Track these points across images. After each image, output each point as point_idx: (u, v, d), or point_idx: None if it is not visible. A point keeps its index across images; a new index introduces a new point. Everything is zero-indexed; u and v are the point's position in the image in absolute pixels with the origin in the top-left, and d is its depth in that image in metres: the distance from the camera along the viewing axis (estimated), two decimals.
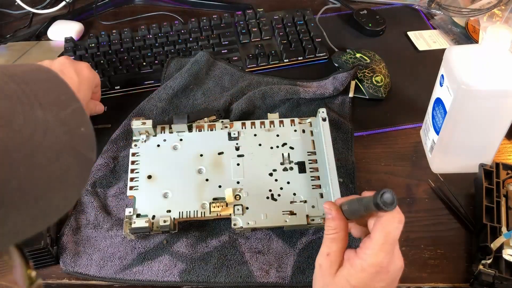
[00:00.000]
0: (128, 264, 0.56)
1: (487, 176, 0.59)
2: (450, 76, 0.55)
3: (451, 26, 0.86)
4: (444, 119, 0.58)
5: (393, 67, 0.77)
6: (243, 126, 0.65)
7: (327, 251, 0.44)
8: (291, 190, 0.59)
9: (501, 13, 0.84)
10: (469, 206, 0.60)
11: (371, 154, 0.67)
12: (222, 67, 0.78)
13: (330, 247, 0.44)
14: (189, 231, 0.58)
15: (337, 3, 0.93)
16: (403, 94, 0.75)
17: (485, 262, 0.52)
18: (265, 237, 0.58)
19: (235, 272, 0.55)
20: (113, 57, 0.81)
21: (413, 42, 0.84)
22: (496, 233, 0.54)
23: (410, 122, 0.71)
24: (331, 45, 0.83)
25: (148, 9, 0.95)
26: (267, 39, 0.84)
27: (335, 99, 0.73)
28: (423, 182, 0.63)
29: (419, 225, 0.59)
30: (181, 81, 0.74)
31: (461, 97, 0.54)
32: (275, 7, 0.92)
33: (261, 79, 0.76)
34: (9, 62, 0.81)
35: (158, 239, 0.58)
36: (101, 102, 0.72)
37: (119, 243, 0.58)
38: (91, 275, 0.55)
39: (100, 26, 0.92)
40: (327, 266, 0.44)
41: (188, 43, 0.83)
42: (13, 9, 0.97)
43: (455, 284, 0.54)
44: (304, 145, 0.63)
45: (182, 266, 0.56)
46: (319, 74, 0.77)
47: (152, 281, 0.55)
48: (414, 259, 0.56)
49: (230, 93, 0.73)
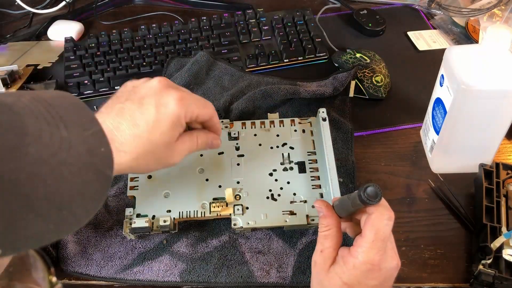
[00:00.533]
0: (128, 264, 0.56)
1: (487, 176, 0.59)
2: (450, 76, 0.55)
3: (451, 26, 0.86)
4: (444, 119, 0.58)
5: (393, 67, 0.77)
6: (243, 126, 0.65)
7: (320, 248, 0.45)
8: (291, 190, 0.59)
9: (501, 13, 0.84)
10: (469, 206, 0.60)
11: (371, 154, 0.67)
12: (222, 67, 0.78)
13: (323, 244, 0.45)
14: (189, 231, 0.58)
15: (337, 3, 0.93)
16: (403, 94, 0.75)
17: (485, 262, 0.52)
18: (265, 237, 0.58)
19: (235, 272, 0.55)
20: (113, 57, 0.81)
21: (413, 42, 0.84)
22: (496, 233, 0.54)
23: (410, 122, 0.71)
24: (331, 45, 0.83)
25: (148, 9, 0.95)
26: (267, 39, 0.84)
27: (335, 99, 0.73)
28: (423, 182, 0.63)
29: (419, 225, 0.59)
30: (181, 81, 0.74)
31: (461, 97, 0.54)
32: (275, 7, 0.92)
33: (261, 79, 0.76)
34: (9, 62, 0.81)
35: (158, 239, 0.58)
36: (101, 101, 0.71)
37: (120, 243, 0.58)
38: (92, 275, 0.55)
39: (100, 26, 0.92)
40: (321, 263, 0.45)
41: (188, 43, 0.83)
42: (13, 9, 0.97)
43: (455, 284, 0.54)
44: (304, 145, 0.63)
45: (182, 266, 0.56)
46: (319, 74, 0.77)
47: (152, 281, 0.55)
48: (414, 259, 0.56)
49: (230, 93, 0.73)
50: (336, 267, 0.44)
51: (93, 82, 0.78)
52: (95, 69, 0.79)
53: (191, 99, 0.48)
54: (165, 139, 0.46)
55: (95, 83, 0.78)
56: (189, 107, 0.47)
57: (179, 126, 0.47)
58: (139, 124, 0.44)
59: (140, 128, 0.44)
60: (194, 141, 0.50)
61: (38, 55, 0.85)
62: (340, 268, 0.43)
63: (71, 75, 0.79)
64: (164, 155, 0.47)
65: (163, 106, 0.45)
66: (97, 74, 0.79)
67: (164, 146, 0.46)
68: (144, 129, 0.44)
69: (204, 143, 0.52)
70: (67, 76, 0.79)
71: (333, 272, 0.44)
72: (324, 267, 0.45)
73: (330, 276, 0.44)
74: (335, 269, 0.44)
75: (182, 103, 0.46)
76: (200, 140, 0.51)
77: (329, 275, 0.44)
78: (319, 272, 0.45)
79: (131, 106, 0.45)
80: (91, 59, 0.81)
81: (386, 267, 0.43)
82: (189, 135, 0.50)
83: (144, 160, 0.45)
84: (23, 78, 0.74)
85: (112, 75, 0.79)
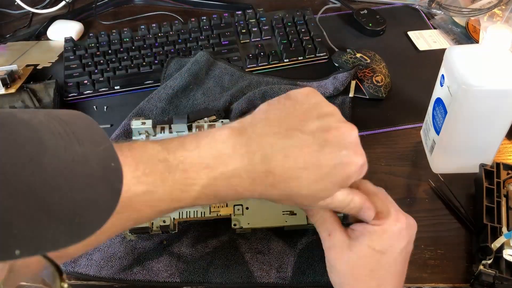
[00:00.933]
0: (128, 264, 0.56)
1: (488, 176, 0.59)
2: (450, 76, 0.55)
3: (451, 26, 0.86)
4: (444, 119, 0.58)
5: (393, 67, 0.77)
6: None
7: (325, 233, 0.44)
8: None
9: (501, 13, 0.84)
10: (469, 206, 0.60)
11: (371, 154, 0.67)
12: (222, 67, 0.78)
13: (326, 228, 0.44)
14: (189, 231, 0.58)
15: (337, 3, 0.93)
16: (403, 94, 0.75)
17: (485, 262, 0.52)
18: (265, 237, 0.58)
19: (235, 272, 0.55)
20: (113, 57, 0.81)
21: (413, 42, 0.84)
22: (496, 233, 0.54)
23: (410, 122, 0.70)
24: (331, 45, 0.83)
25: (148, 9, 0.95)
26: (267, 39, 0.84)
27: (335, 99, 0.73)
28: (423, 182, 0.63)
29: (419, 225, 0.59)
30: (181, 81, 0.74)
31: (462, 97, 0.54)
32: (275, 7, 0.92)
33: (261, 79, 0.76)
34: (9, 62, 0.81)
35: (158, 239, 0.58)
36: (100, 101, 0.71)
37: (119, 243, 0.58)
38: (92, 275, 0.55)
39: (100, 26, 0.92)
40: (339, 243, 0.43)
41: (188, 43, 0.83)
42: (13, 9, 0.97)
43: (455, 284, 0.54)
44: None
45: (182, 266, 0.56)
46: (319, 74, 0.77)
47: (152, 281, 0.55)
48: (414, 259, 0.56)
49: (230, 93, 0.73)
50: (362, 239, 0.42)
51: (92, 82, 0.78)
52: (94, 69, 0.79)
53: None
54: (324, 195, 0.39)
55: (95, 83, 0.78)
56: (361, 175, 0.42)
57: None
58: (308, 168, 0.37)
59: (306, 174, 0.37)
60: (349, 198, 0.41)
61: (38, 55, 0.85)
62: (369, 238, 0.42)
63: (70, 75, 0.79)
64: (307, 204, 0.41)
65: (344, 164, 0.38)
66: (96, 74, 0.79)
67: (317, 200, 0.40)
68: (310, 177, 0.37)
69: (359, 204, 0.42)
70: (66, 76, 0.79)
71: (359, 246, 0.42)
72: (343, 245, 0.43)
73: (358, 250, 0.42)
74: (362, 242, 0.42)
75: (362, 170, 0.41)
76: (358, 202, 0.42)
77: (355, 250, 0.42)
78: (339, 253, 0.43)
79: (310, 142, 0.37)
80: (90, 59, 0.81)
81: (410, 224, 0.44)
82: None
83: (288, 201, 0.39)
84: (23, 78, 0.74)
85: (112, 75, 0.78)
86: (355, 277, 0.43)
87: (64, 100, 0.76)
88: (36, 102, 0.72)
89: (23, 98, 0.72)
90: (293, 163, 0.37)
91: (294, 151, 0.37)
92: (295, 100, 0.40)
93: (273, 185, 0.37)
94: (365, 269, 0.43)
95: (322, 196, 0.39)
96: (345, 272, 0.44)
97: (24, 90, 0.72)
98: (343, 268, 0.44)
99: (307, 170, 0.37)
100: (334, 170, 0.38)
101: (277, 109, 0.39)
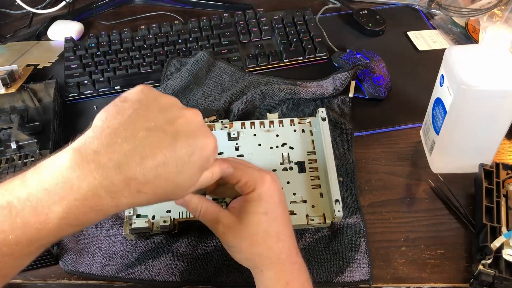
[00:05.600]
0: (129, 263, 0.56)
1: (487, 176, 0.59)
2: (450, 76, 0.55)
3: (451, 26, 0.86)
4: (444, 119, 0.58)
5: (393, 67, 0.77)
6: (242, 126, 0.66)
7: (214, 220, 0.47)
8: (291, 190, 0.59)
9: (501, 13, 0.84)
10: (469, 206, 0.60)
11: (371, 154, 0.67)
12: (222, 67, 0.78)
13: (211, 215, 0.47)
14: (190, 231, 0.59)
15: (337, 3, 0.93)
16: (403, 94, 0.75)
17: (485, 262, 0.52)
18: None
19: (235, 272, 0.55)
20: (113, 57, 0.81)
21: (413, 42, 0.84)
22: (496, 233, 0.54)
23: (410, 122, 0.71)
24: (331, 45, 0.83)
25: (148, 9, 0.95)
26: (267, 39, 0.84)
27: (335, 99, 0.73)
28: (423, 182, 0.63)
29: (419, 225, 0.59)
30: (181, 81, 0.74)
31: (461, 97, 0.54)
32: (275, 7, 0.92)
33: (261, 79, 0.76)
34: (9, 62, 0.81)
35: (159, 238, 0.58)
36: (101, 101, 0.71)
37: (120, 242, 0.58)
38: (94, 274, 0.56)
39: (100, 26, 0.92)
40: (231, 222, 0.46)
41: (188, 43, 0.83)
42: (13, 9, 0.97)
43: (455, 284, 0.54)
44: (303, 145, 0.63)
45: (183, 265, 0.56)
46: (319, 74, 0.77)
47: (153, 281, 0.55)
48: (414, 259, 0.56)
49: (230, 93, 0.73)
50: (245, 210, 0.46)
51: (93, 82, 0.78)
52: (95, 69, 0.79)
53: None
54: (191, 183, 0.40)
55: (95, 83, 0.78)
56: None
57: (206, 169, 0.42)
58: (168, 163, 0.36)
59: (168, 168, 0.37)
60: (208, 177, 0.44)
61: (38, 55, 0.85)
62: (251, 206, 0.45)
63: (71, 75, 0.79)
64: (179, 195, 0.42)
65: (200, 149, 0.39)
66: (97, 74, 0.79)
67: (187, 189, 0.41)
68: (173, 170, 0.37)
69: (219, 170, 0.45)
70: (67, 76, 0.79)
71: (246, 216, 0.45)
72: (234, 222, 0.46)
73: (247, 220, 0.45)
74: (247, 211, 0.45)
75: (216, 148, 0.42)
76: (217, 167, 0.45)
77: (245, 222, 0.45)
78: (234, 231, 0.46)
79: (162, 137, 0.37)
80: (91, 59, 0.81)
81: (273, 177, 0.48)
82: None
83: (160, 199, 0.39)
84: (23, 78, 0.74)
85: (112, 75, 0.79)
86: (256, 243, 0.46)
87: (64, 100, 0.77)
88: (36, 102, 0.72)
89: (23, 98, 0.72)
90: (152, 162, 0.35)
91: (149, 150, 0.35)
92: (132, 101, 0.38)
93: (140, 190, 0.35)
94: (260, 232, 0.46)
95: (190, 184, 0.40)
96: (246, 244, 0.46)
97: (24, 90, 0.73)
98: (243, 242, 0.46)
99: (168, 164, 0.36)
100: (193, 157, 0.38)
101: (117, 114, 0.37)
